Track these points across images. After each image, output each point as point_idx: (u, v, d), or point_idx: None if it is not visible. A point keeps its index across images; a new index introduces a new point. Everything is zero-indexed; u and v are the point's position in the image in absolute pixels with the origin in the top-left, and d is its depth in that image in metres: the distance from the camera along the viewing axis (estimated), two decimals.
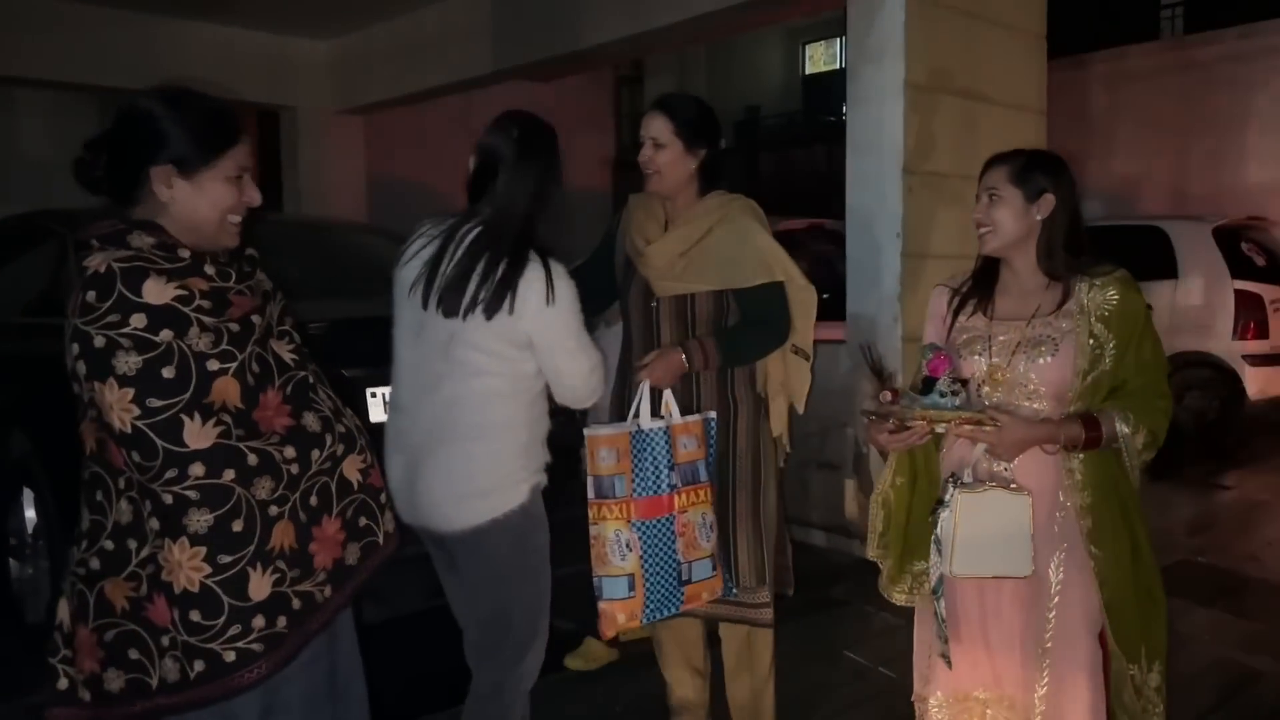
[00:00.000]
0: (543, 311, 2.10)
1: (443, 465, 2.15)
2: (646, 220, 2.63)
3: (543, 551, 2.27)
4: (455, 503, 2.15)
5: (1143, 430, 2.00)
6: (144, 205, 1.68)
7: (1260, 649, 3.75)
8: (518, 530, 2.19)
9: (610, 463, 2.40)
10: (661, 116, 2.54)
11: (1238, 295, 7.55)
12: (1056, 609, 2.05)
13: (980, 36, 4.92)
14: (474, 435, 2.14)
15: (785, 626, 3.83)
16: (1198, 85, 9.61)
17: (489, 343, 2.10)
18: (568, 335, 2.16)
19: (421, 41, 7.99)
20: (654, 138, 2.53)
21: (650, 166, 2.55)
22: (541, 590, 2.28)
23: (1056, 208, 2.06)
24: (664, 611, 2.46)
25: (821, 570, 4.58)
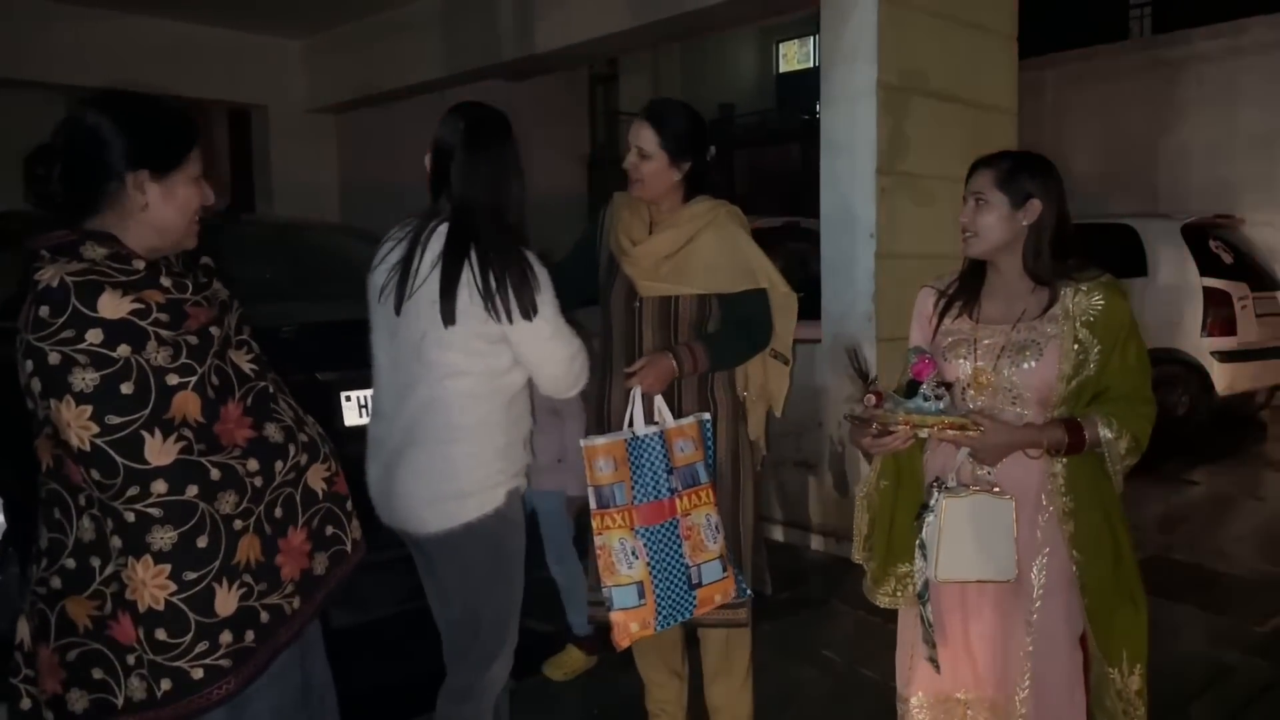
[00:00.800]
0: (543, 303, 2.09)
1: (419, 467, 2.13)
2: (632, 219, 2.62)
3: (517, 557, 2.26)
4: (430, 505, 2.13)
5: (1126, 435, 2.00)
6: (101, 215, 1.64)
7: (1230, 644, 3.78)
8: (493, 534, 2.17)
9: (608, 472, 2.39)
10: (649, 127, 2.53)
11: (1206, 292, 7.64)
12: (1039, 612, 2.06)
13: (952, 37, 4.94)
14: (450, 437, 2.11)
15: (762, 626, 3.83)
16: (1166, 84, 9.70)
17: (462, 340, 2.07)
18: (545, 324, 2.12)
19: (394, 40, 7.94)
20: (640, 147, 2.53)
21: (635, 174, 2.55)
22: (513, 595, 2.26)
23: (1043, 212, 2.06)
24: (678, 617, 2.44)
25: (797, 569, 4.60)
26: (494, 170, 2.13)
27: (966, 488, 2.03)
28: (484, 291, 2.04)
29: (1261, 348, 7.94)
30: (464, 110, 2.19)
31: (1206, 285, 7.66)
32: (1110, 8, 12.50)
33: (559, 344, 2.17)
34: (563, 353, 2.18)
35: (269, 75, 8.69)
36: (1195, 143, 9.50)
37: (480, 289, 2.04)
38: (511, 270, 2.06)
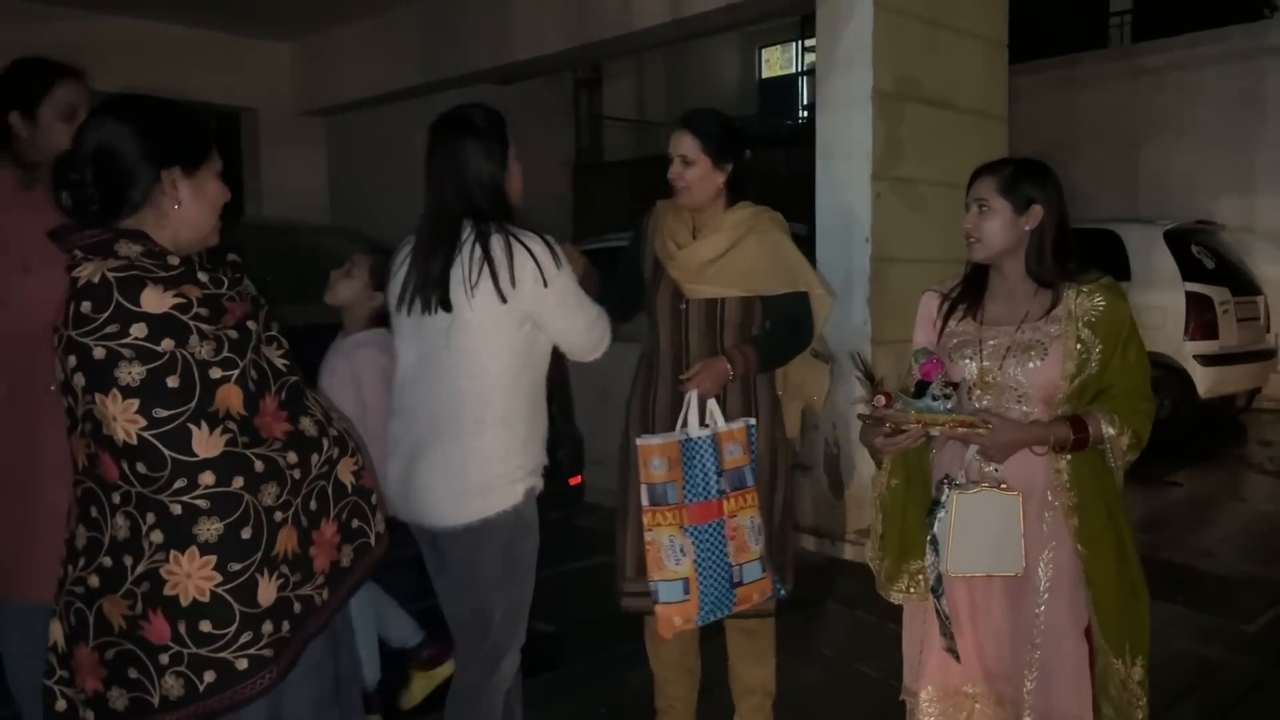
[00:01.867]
0: (554, 274, 2.16)
1: (442, 460, 2.17)
2: (676, 225, 2.70)
3: (530, 557, 2.29)
4: (453, 499, 2.17)
5: (1127, 432, 2.06)
6: (136, 216, 1.65)
7: (1217, 642, 3.85)
8: (509, 532, 2.21)
9: (662, 471, 2.48)
10: (689, 134, 2.61)
11: (1188, 297, 7.75)
12: (1046, 605, 2.11)
13: (945, 45, 5.01)
14: (476, 430, 2.16)
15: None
16: (1147, 91, 9.84)
17: (490, 322, 2.13)
18: (567, 295, 2.20)
19: (383, 44, 7.95)
20: (683, 155, 2.60)
21: (680, 182, 2.61)
22: (523, 595, 2.30)
23: (1044, 217, 2.13)
24: (718, 613, 2.54)
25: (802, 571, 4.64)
26: (462, 161, 2.19)
27: (976, 484, 2.08)
28: (491, 266, 2.10)
29: (1242, 351, 8.06)
30: (440, 117, 2.28)
31: (1188, 290, 7.77)
32: (1091, 16, 12.65)
33: (580, 312, 2.24)
34: (583, 319, 2.25)
35: (259, 78, 8.67)
36: (1176, 149, 9.63)
37: (489, 265, 2.10)
38: (515, 244, 2.13)
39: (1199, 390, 7.73)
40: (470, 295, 2.10)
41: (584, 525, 4.13)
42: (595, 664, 3.59)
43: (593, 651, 3.54)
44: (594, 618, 3.57)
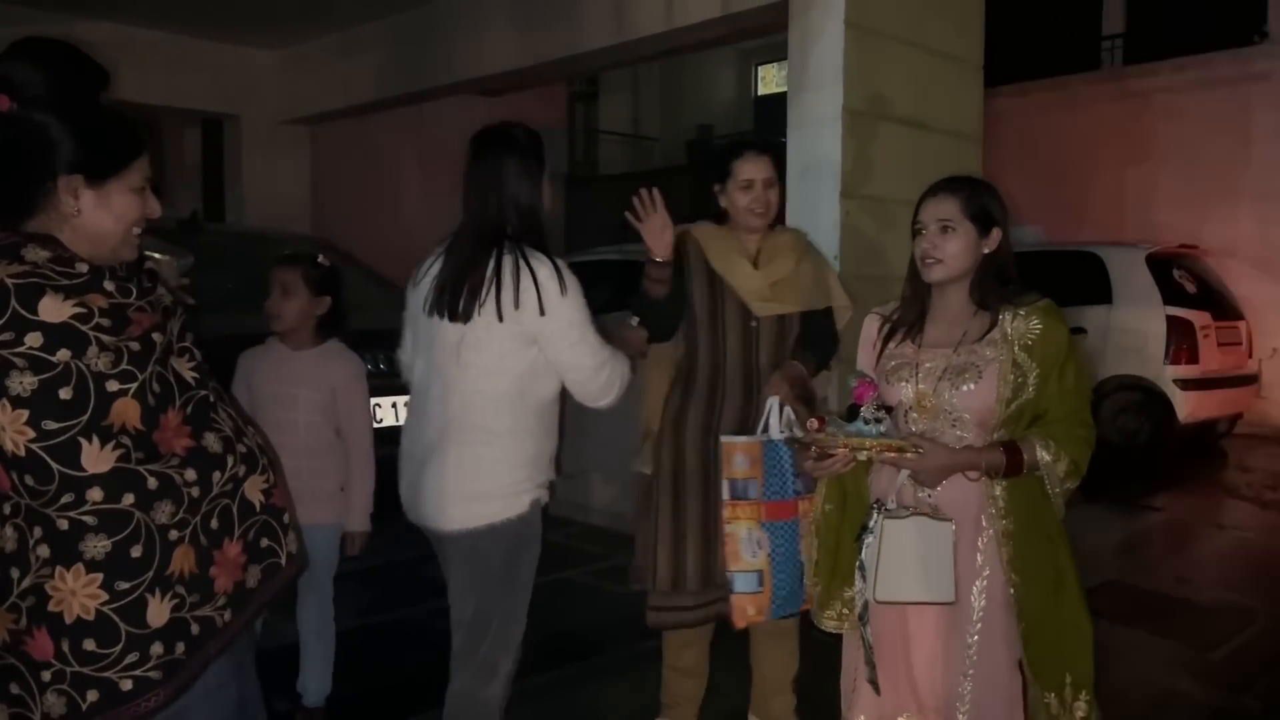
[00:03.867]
0: (556, 305, 2.20)
1: (450, 464, 2.25)
2: (729, 248, 2.82)
3: (531, 566, 2.37)
4: (458, 503, 2.25)
5: (1064, 458, 2.02)
6: (39, 218, 1.62)
7: (1182, 669, 3.82)
8: (513, 540, 2.29)
9: (744, 468, 2.68)
10: (767, 157, 2.81)
11: (1170, 321, 7.74)
12: (978, 635, 2.06)
13: (919, 65, 5.01)
14: (484, 439, 2.24)
15: (718, 645, 3.85)
16: (1135, 115, 9.85)
17: (497, 341, 2.20)
18: (570, 328, 2.23)
19: (371, 53, 7.95)
20: (767, 178, 2.78)
21: (763, 206, 2.78)
22: (521, 603, 2.37)
23: (1002, 241, 2.10)
24: (789, 608, 2.72)
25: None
26: (501, 177, 2.27)
27: (907, 509, 2.04)
28: (498, 285, 2.18)
29: (1223, 376, 8.05)
30: (481, 130, 2.37)
31: (1170, 314, 7.76)
32: (1083, 38, 12.68)
33: (583, 350, 2.27)
34: (587, 360, 2.28)
35: (243, 85, 8.67)
36: (1162, 173, 9.64)
37: (496, 283, 2.18)
38: (523, 266, 2.19)
39: (1179, 415, 7.71)
40: (479, 311, 2.19)
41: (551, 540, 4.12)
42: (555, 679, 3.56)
43: (556, 665, 3.52)
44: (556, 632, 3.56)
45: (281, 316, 2.96)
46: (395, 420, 4.14)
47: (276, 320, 2.97)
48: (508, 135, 2.32)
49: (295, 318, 2.97)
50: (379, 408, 4.10)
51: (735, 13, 5.32)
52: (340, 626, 3.21)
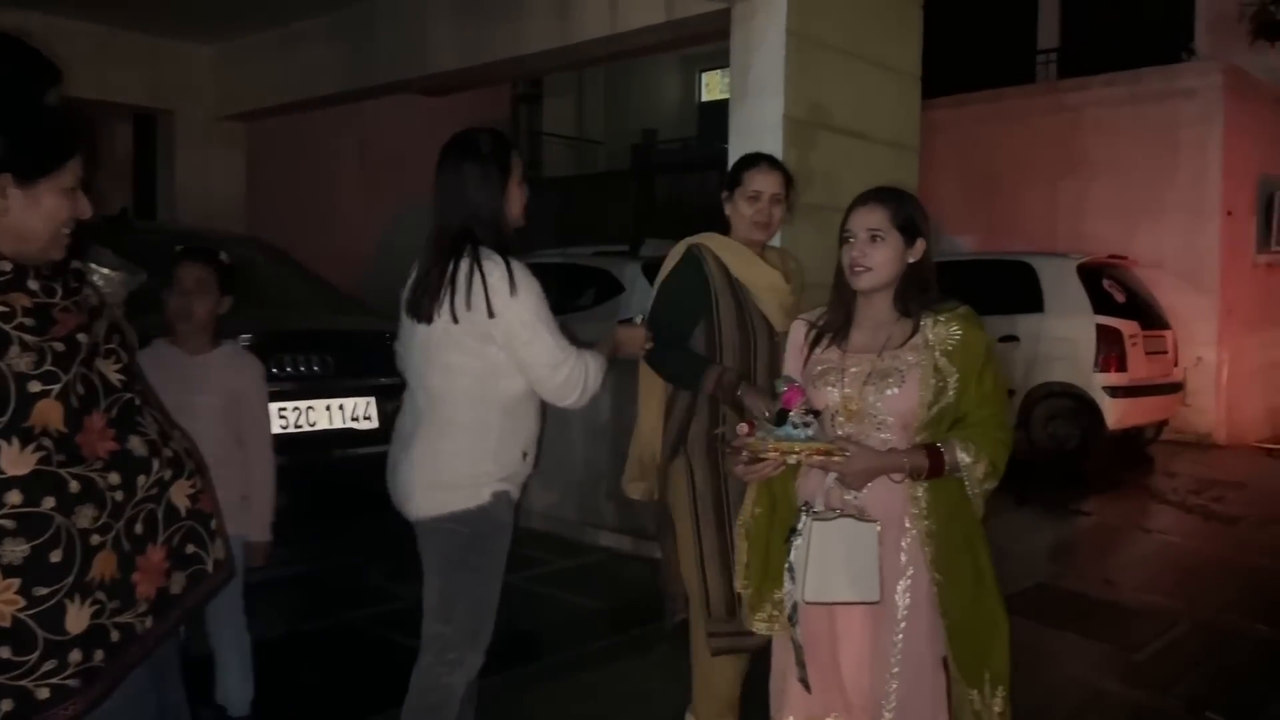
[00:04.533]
0: (506, 306, 2.27)
1: (417, 455, 2.40)
2: (752, 264, 2.82)
3: (497, 558, 2.43)
4: (423, 491, 2.38)
5: (983, 460, 2.09)
6: None
7: (1110, 670, 3.91)
8: (474, 530, 2.37)
9: None
10: (778, 173, 2.84)
11: (1099, 330, 7.95)
12: (903, 634, 2.11)
13: (858, 75, 5.07)
14: (446, 433, 2.37)
15: (656, 651, 3.86)
16: (1068, 128, 10.08)
17: (454, 341, 2.30)
18: (521, 328, 2.30)
19: (310, 49, 7.82)
20: (775, 192, 2.81)
21: (767, 219, 2.81)
22: (488, 593, 2.43)
23: (926, 250, 2.16)
24: None
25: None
26: (462, 184, 2.35)
27: (834, 511, 2.09)
28: (452, 287, 2.27)
29: (1150, 384, 8.28)
30: (450, 138, 2.44)
31: (1100, 323, 7.97)
32: (1019, 52, 12.98)
33: (537, 349, 2.32)
34: (542, 359, 2.33)
35: (177, 80, 8.46)
36: (1093, 185, 9.88)
37: (451, 285, 2.27)
38: (475, 269, 2.26)
39: (1107, 421, 7.91)
40: (438, 313, 2.29)
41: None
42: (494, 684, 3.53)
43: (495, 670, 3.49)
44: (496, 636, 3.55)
45: (195, 315, 2.83)
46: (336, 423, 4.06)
47: (187, 321, 2.83)
48: (471, 142, 2.40)
49: (207, 318, 2.87)
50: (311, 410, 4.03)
51: (679, 19, 5.34)
52: (273, 633, 3.15)
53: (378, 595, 4.41)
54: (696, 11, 5.15)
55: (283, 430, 3.78)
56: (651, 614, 4.29)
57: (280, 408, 3.78)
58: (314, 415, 3.94)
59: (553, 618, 4.36)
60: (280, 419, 3.78)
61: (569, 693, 3.49)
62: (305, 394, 3.90)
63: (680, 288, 2.86)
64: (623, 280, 7.03)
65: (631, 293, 6.88)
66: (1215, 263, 9.30)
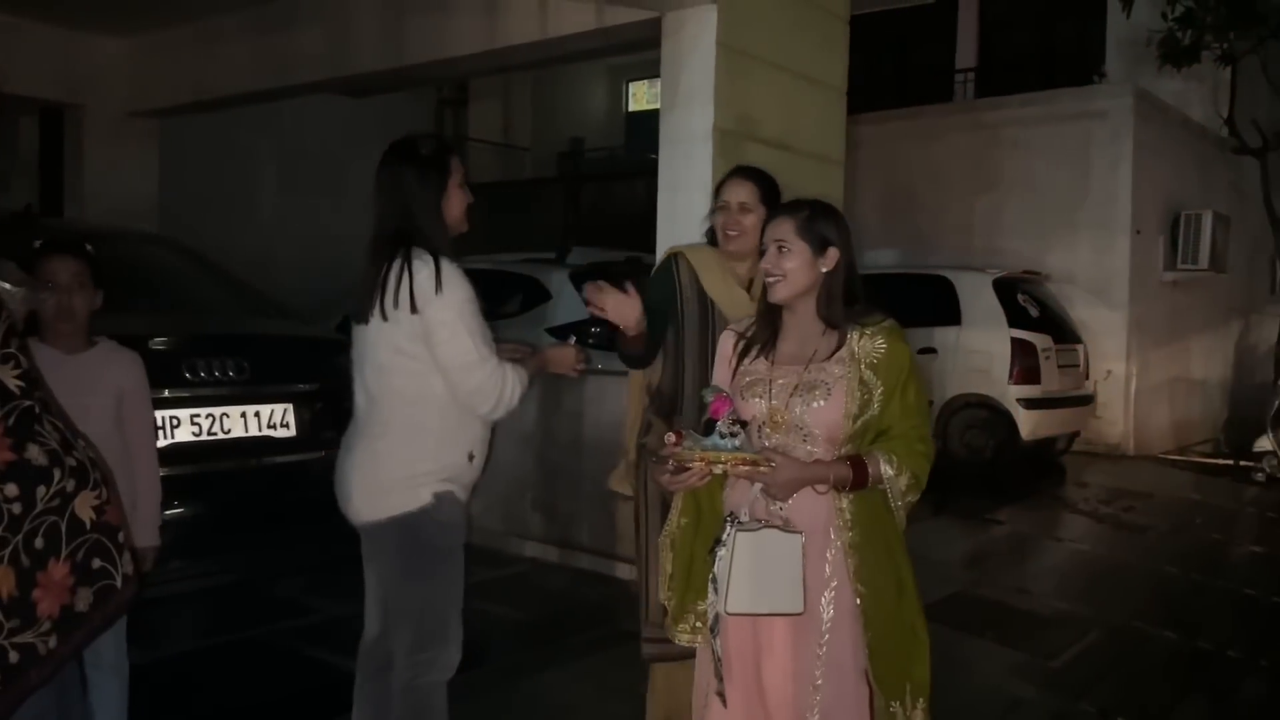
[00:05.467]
0: (428, 303, 2.27)
1: (357, 458, 2.41)
2: (722, 278, 2.81)
3: (444, 558, 2.41)
4: (362, 494, 2.40)
5: (906, 472, 2.11)
6: None
7: (1025, 677, 3.99)
8: (417, 531, 2.36)
9: None
10: (749, 182, 2.79)
11: (1014, 343, 8.15)
12: (827, 646, 2.11)
13: (786, 88, 5.11)
14: (380, 433, 2.38)
15: (583, 662, 3.83)
16: (985, 146, 10.33)
17: (386, 340, 2.33)
18: (440, 326, 2.29)
19: (229, 45, 7.60)
20: (742, 202, 2.75)
21: (736, 229, 2.75)
22: (445, 594, 2.42)
23: (839, 260, 2.17)
24: None
25: (624, 603, 4.59)
26: (399, 187, 2.38)
27: (759, 522, 2.09)
28: (383, 287, 2.29)
29: (1062, 396, 8.52)
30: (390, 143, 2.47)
31: (1014, 336, 8.18)
32: (939, 71, 13.29)
33: (453, 350, 2.32)
34: (456, 360, 2.32)
35: (87, 73, 8.14)
36: (1008, 202, 10.14)
37: (382, 286, 2.30)
38: (404, 268, 2.28)
39: (1021, 432, 8.12)
40: (372, 314, 2.32)
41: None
42: None
43: None
44: None
45: (78, 312, 2.66)
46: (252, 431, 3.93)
47: (70, 319, 2.65)
48: (408, 147, 2.43)
49: (87, 314, 2.70)
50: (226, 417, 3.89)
51: (609, 26, 5.31)
52: (181, 649, 3.02)
53: (293, 608, 4.28)
54: (627, 20, 5.14)
55: (195, 438, 3.65)
56: (579, 625, 4.27)
57: (194, 414, 3.64)
58: (229, 423, 3.80)
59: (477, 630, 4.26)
60: (193, 426, 3.64)
61: (495, 707, 3.42)
62: (220, 400, 3.76)
63: (653, 296, 2.87)
64: (550, 288, 6.97)
65: (559, 300, 6.83)
66: (1124, 279, 9.61)
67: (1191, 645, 4.45)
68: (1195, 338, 11.01)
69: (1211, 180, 10.85)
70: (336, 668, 3.46)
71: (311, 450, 3.97)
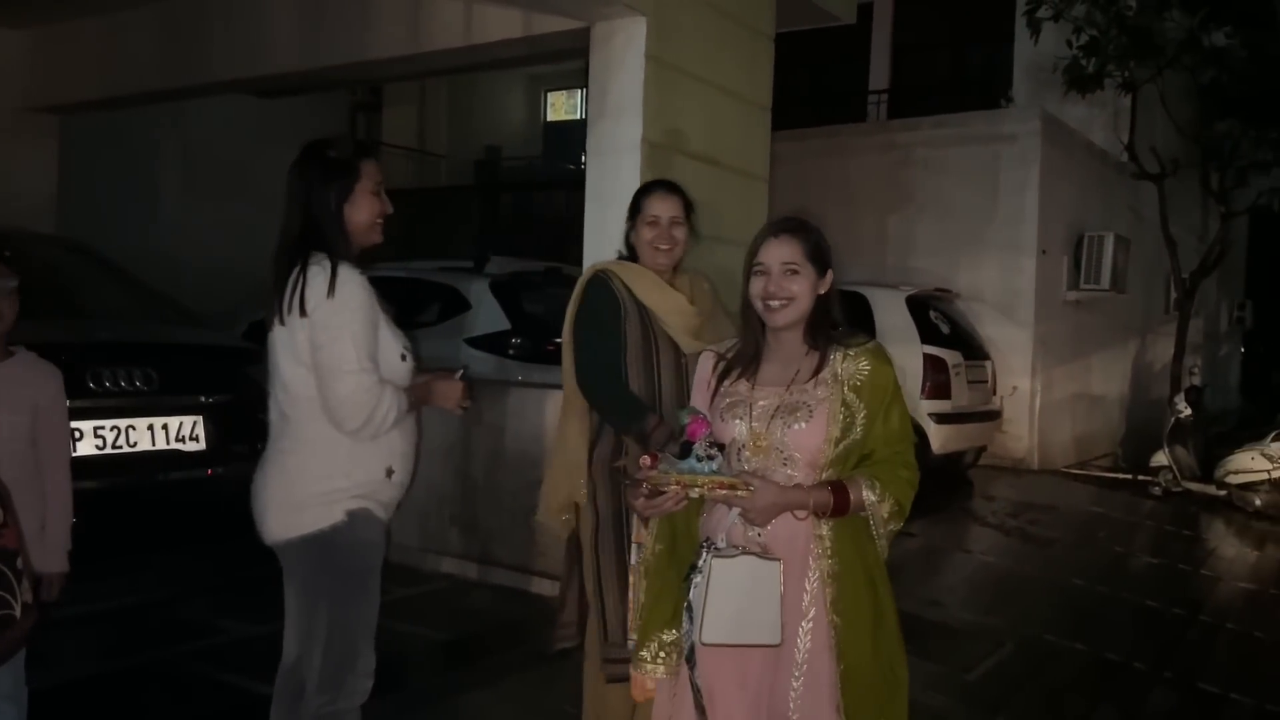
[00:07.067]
0: (318, 306, 2.20)
1: (269, 474, 2.32)
2: (658, 287, 2.85)
3: (362, 578, 2.32)
4: (275, 513, 2.30)
5: (889, 499, 2.02)
6: None
7: (940, 689, 4.03)
8: (330, 551, 2.27)
9: None
10: (675, 197, 2.88)
11: (926, 359, 8.31)
12: (803, 677, 2.02)
13: (713, 103, 5.13)
14: (290, 448, 2.29)
15: (506, 682, 3.75)
16: (898, 166, 10.54)
17: (283, 346, 2.26)
18: (322, 331, 2.20)
19: (135, 40, 7.33)
20: (674, 216, 2.84)
21: (669, 243, 2.84)
22: (359, 615, 2.33)
23: (833, 282, 2.13)
24: None
25: (546, 620, 4.52)
26: (306, 190, 2.32)
27: (737, 549, 2.00)
28: (281, 292, 2.23)
29: (971, 411, 8.72)
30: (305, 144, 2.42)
31: (926, 352, 8.33)
32: (853, 92, 13.56)
33: (328, 355, 2.21)
34: (330, 365, 2.21)
35: None
36: (920, 221, 10.36)
37: (280, 290, 2.24)
38: (301, 272, 2.23)
39: (932, 446, 8.26)
40: (275, 319, 2.26)
41: None
42: None
43: None
44: None
45: (6, 320, 2.50)
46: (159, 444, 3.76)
47: None
48: (317, 149, 2.38)
49: (14, 322, 2.53)
50: (132, 430, 3.72)
51: (537, 35, 5.27)
52: (83, 673, 2.86)
53: (200, 630, 4.09)
54: (554, 29, 5.10)
55: (99, 451, 3.48)
56: (500, 644, 4.18)
57: (97, 426, 3.47)
58: (135, 435, 3.63)
59: (394, 651, 4.14)
60: (97, 439, 3.47)
61: None
62: (125, 412, 3.60)
63: (596, 309, 2.87)
64: (469, 297, 6.86)
65: (478, 310, 6.73)
66: (1030, 298, 9.89)
67: (1100, 657, 4.57)
68: (1096, 355, 11.40)
69: (1113, 203, 11.26)
70: (247, 691, 3.32)
71: (223, 464, 3.83)
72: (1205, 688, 4.29)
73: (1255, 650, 4.93)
